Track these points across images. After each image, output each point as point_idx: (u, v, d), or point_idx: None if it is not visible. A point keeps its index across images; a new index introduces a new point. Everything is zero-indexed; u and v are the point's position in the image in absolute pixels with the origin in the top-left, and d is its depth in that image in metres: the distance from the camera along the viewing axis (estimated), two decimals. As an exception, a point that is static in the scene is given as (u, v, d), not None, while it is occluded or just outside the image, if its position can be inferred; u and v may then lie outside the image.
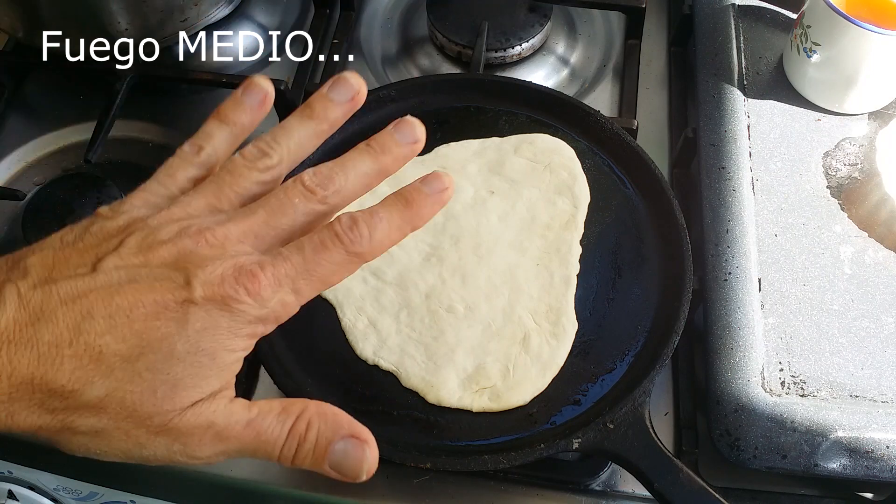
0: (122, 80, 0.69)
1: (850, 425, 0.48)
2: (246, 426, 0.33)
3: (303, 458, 0.34)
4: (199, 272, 0.31)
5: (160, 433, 0.31)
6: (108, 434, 0.31)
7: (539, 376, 0.50)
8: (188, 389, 0.31)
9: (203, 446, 0.32)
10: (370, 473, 0.35)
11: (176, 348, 0.30)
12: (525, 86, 0.64)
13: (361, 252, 0.33)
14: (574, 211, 0.57)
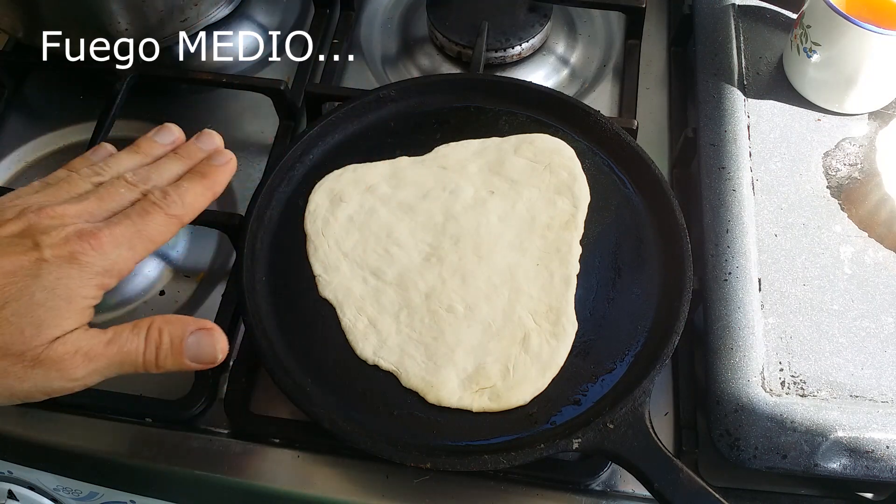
0: (122, 80, 0.69)
1: (850, 425, 0.48)
2: (108, 344, 0.39)
3: (163, 359, 0.40)
4: (44, 237, 0.38)
5: (35, 365, 0.37)
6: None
7: (539, 376, 0.50)
8: (51, 328, 0.37)
9: (76, 368, 0.38)
10: (224, 353, 0.42)
11: (35, 296, 0.37)
12: (525, 86, 0.64)
13: (178, 214, 0.42)
14: (574, 211, 0.57)
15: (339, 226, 0.57)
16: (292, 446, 0.55)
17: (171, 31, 0.70)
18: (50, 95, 0.76)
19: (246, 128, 0.72)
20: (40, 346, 0.37)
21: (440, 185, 0.58)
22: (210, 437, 0.56)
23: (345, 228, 0.57)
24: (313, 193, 0.59)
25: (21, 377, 0.37)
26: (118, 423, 0.56)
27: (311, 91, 0.68)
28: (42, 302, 0.37)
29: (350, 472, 0.54)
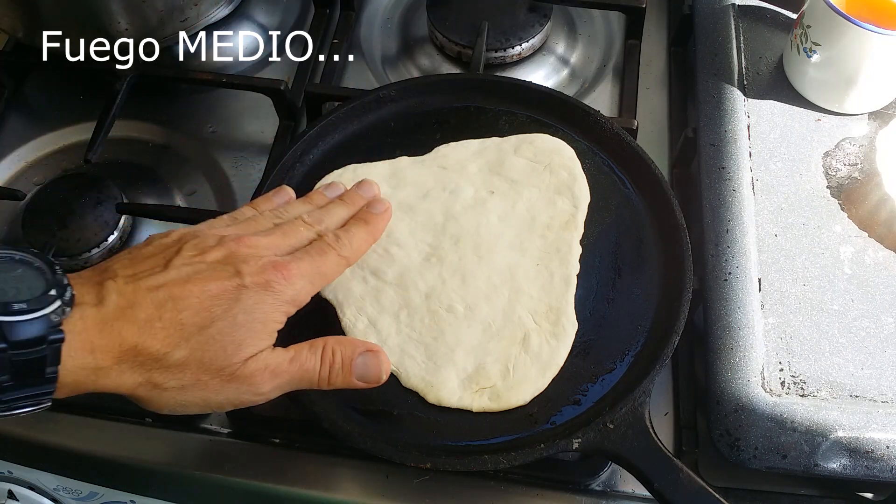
0: (122, 80, 0.69)
1: (850, 425, 0.48)
2: (290, 362, 0.43)
3: (335, 377, 0.44)
4: (245, 266, 0.42)
5: (231, 381, 0.41)
6: (190, 387, 0.40)
7: (539, 376, 0.50)
8: (248, 347, 0.41)
9: (264, 384, 0.42)
10: (387, 374, 0.46)
11: (237, 318, 0.41)
12: (525, 86, 0.64)
13: (347, 255, 0.47)
14: (574, 211, 0.57)
15: None
16: (292, 446, 0.55)
17: (171, 31, 0.70)
18: (50, 95, 0.76)
19: (246, 128, 0.72)
20: (237, 364, 0.41)
21: (440, 185, 0.58)
22: (210, 437, 0.56)
23: None
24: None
25: (217, 390, 0.41)
26: (118, 423, 0.56)
27: (311, 91, 0.68)
28: (242, 323, 0.41)
29: (350, 472, 0.54)
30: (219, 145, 0.71)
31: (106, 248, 0.63)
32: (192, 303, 0.40)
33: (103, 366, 0.38)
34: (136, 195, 0.67)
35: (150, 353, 0.39)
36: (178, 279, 0.41)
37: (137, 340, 0.39)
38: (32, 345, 0.36)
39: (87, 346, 0.38)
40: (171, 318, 0.39)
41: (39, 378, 0.37)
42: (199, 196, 0.68)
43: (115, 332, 0.38)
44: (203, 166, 0.70)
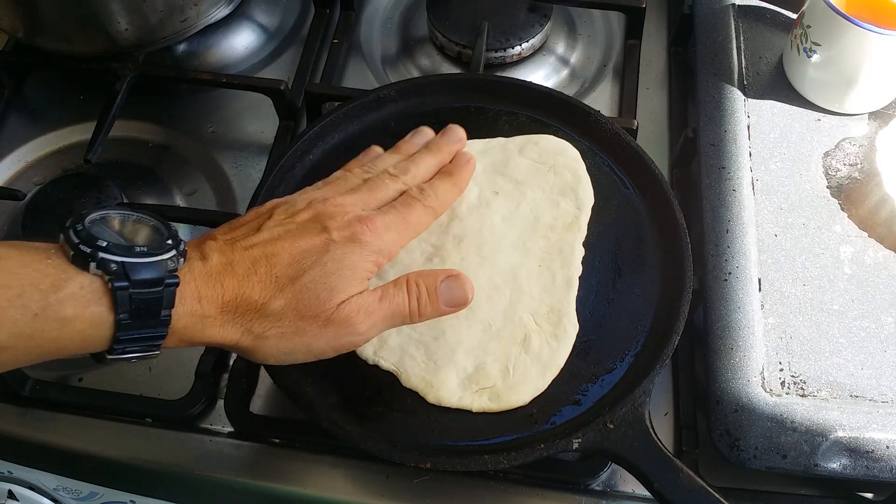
0: (122, 80, 0.69)
1: (850, 425, 0.48)
2: (381, 300, 0.45)
3: (424, 308, 0.46)
4: (331, 222, 0.45)
5: (328, 325, 0.43)
6: (290, 335, 0.43)
7: (539, 377, 0.50)
8: (340, 293, 0.43)
9: (360, 324, 0.44)
10: (472, 294, 0.47)
11: (327, 266, 0.43)
12: (525, 86, 0.64)
13: (433, 206, 0.49)
14: (577, 213, 0.56)
15: None
16: (292, 446, 0.55)
17: (171, 31, 0.70)
18: (50, 95, 0.76)
19: (246, 128, 0.72)
20: (331, 309, 0.43)
21: None
22: (210, 437, 0.56)
23: None
24: None
25: (316, 335, 0.43)
26: (118, 423, 0.56)
27: (311, 91, 0.68)
28: (333, 271, 0.43)
29: (350, 472, 0.54)
30: (219, 145, 0.71)
31: None
32: (284, 258, 0.43)
33: (209, 314, 0.41)
34: (136, 195, 0.67)
35: (250, 303, 0.42)
36: (271, 238, 0.44)
37: (238, 291, 0.42)
38: (151, 285, 0.38)
39: (195, 294, 0.41)
40: (266, 273, 0.42)
41: (155, 319, 0.39)
42: (199, 196, 0.68)
43: (218, 284, 0.41)
44: (203, 166, 0.70)
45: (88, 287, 0.37)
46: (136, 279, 0.38)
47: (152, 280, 0.38)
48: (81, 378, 0.59)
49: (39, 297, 0.36)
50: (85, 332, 0.37)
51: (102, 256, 0.37)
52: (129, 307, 0.38)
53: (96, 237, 0.38)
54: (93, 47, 0.70)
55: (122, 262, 0.38)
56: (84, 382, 0.58)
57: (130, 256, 0.38)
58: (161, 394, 0.57)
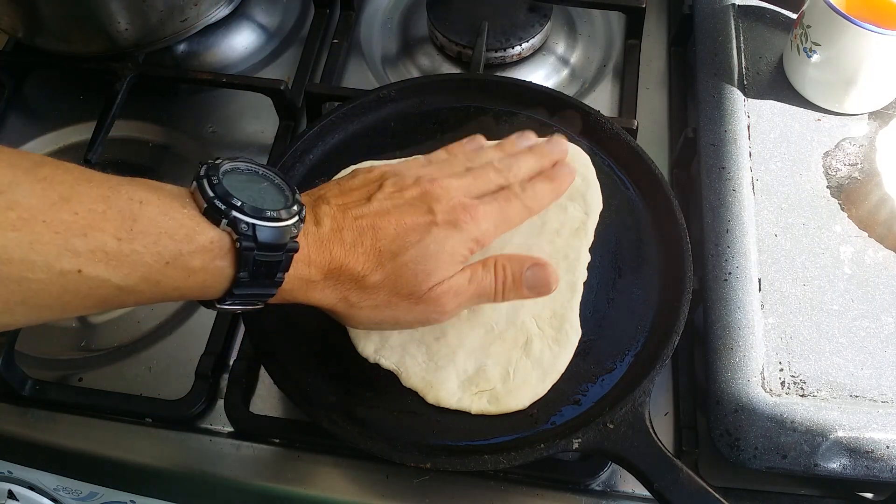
0: (122, 80, 0.69)
1: (850, 425, 0.48)
2: (469, 282, 0.46)
3: (508, 291, 0.48)
4: (437, 205, 0.45)
5: (420, 303, 0.45)
6: (382, 307, 0.45)
7: (539, 381, 0.50)
8: (435, 275, 0.45)
9: (448, 304, 0.46)
10: (557, 283, 0.48)
11: (429, 248, 0.44)
12: (525, 86, 0.64)
13: (531, 206, 0.49)
14: (585, 218, 0.56)
15: None
16: (292, 446, 0.55)
17: (171, 31, 0.70)
18: (50, 95, 0.76)
19: (246, 128, 0.72)
20: (425, 289, 0.45)
21: None
22: (210, 437, 0.56)
23: None
24: None
25: (407, 311, 0.45)
26: (118, 423, 0.56)
27: (311, 91, 0.68)
28: (432, 254, 0.44)
29: (350, 472, 0.54)
30: (219, 145, 0.71)
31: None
32: (390, 232, 0.44)
33: (314, 279, 0.43)
34: (136, 195, 0.67)
35: (351, 274, 0.43)
36: (380, 211, 0.45)
37: (343, 260, 0.43)
38: (275, 249, 0.40)
39: (306, 259, 0.42)
40: (372, 245, 0.44)
41: (270, 280, 0.41)
42: (199, 196, 0.68)
43: (327, 251, 0.43)
44: (203, 166, 0.70)
45: (217, 242, 0.38)
46: (262, 242, 0.39)
47: (276, 245, 0.40)
48: (81, 378, 0.59)
49: (173, 246, 0.37)
50: (205, 282, 0.39)
51: (235, 216, 0.38)
52: (250, 267, 0.39)
53: (231, 194, 0.39)
54: (93, 47, 0.70)
55: (253, 225, 0.39)
56: (84, 382, 0.58)
57: (261, 219, 0.39)
58: (161, 394, 0.57)
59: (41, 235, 0.34)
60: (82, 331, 0.61)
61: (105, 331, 0.61)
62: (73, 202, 0.35)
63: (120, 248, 0.36)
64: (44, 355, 0.60)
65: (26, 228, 0.33)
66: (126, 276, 0.36)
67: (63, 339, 0.61)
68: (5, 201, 0.33)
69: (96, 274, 0.35)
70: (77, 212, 0.35)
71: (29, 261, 0.33)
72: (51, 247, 0.34)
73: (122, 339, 0.60)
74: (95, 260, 0.35)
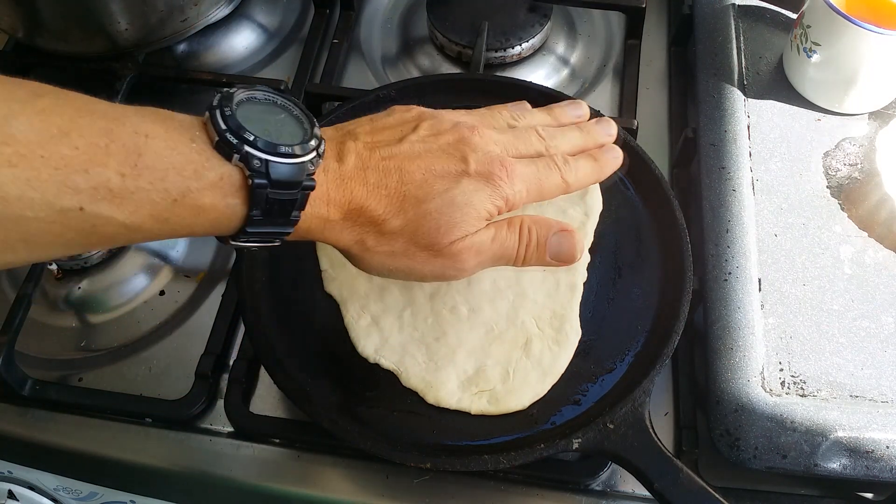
0: (122, 80, 0.69)
1: (850, 425, 0.48)
2: (492, 241, 0.44)
3: (531, 255, 0.45)
4: (472, 154, 0.43)
5: (438, 256, 0.43)
6: (398, 255, 0.43)
7: (539, 382, 0.50)
8: (458, 229, 0.42)
9: (468, 261, 0.44)
10: (582, 252, 0.47)
11: (456, 199, 0.42)
12: (525, 86, 0.64)
13: (569, 181, 0.46)
14: (585, 219, 0.56)
15: None
16: (292, 446, 0.55)
17: (171, 31, 0.70)
18: (50, 95, 0.76)
19: (246, 128, 0.72)
20: (446, 243, 0.42)
21: None
22: (210, 437, 0.56)
23: None
24: None
25: (424, 262, 0.43)
26: (118, 423, 0.56)
27: (311, 91, 0.68)
28: (459, 206, 0.42)
29: (350, 472, 0.54)
30: (219, 145, 0.71)
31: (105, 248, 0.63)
32: (417, 177, 0.42)
33: (332, 218, 0.41)
34: (136, 195, 0.67)
35: (371, 216, 0.41)
36: (410, 154, 0.43)
37: (364, 202, 0.41)
38: (289, 187, 0.38)
39: (325, 197, 0.40)
40: (396, 188, 0.42)
41: (285, 219, 0.39)
42: (199, 196, 0.68)
43: (348, 190, 0.41)
44: (203, 166, 0.70)
45: (228, 178, 0.37)
46: (276, 179, 0.37)
47: (291, 182, 0.38)
48: (81, 378, 0.59)
49: (181, 183, 0.36)
50: (217, 220, 0.38)
51: (248, 151, 0.37)
52: (263, 205, 0.38)
53: (244, 127, 0.37)
54: (93, 47, 0.70)
55: (266, 161, 0.37)
56: (84, 382, 0.58)
57: (275, 155, 0.37)
58: (161, 394, 0.57)
59: (39, 172, 0.32)
60: (82, 331, 0.61)
61: (105, 331, 0.61)
62: (74, 136, 0.33)
63: (124, 185, 0.34)
64: (44, 355, 0.60)
65: (23, 164, 0.31)
66: (132, 214, 0.35)
67: (63, 339, 0.61)
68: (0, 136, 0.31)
69: (99, 212, 0.34)
70: (77, 146, 0.33)
71: (27, 198, 0.32)
72: (49, 184, 0.32)
73: (122, 339, 0.60)
74: (98, 197, 0.33)
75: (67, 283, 0.63)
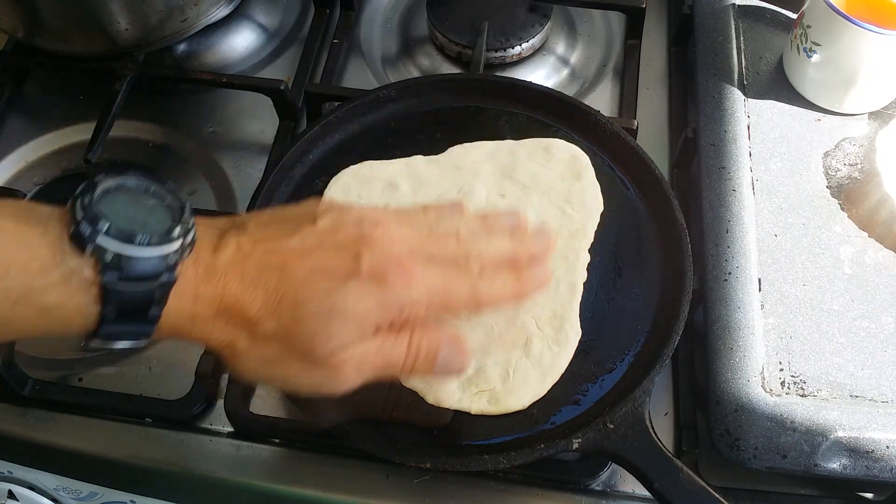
0: (122, 80, 0.69)
1: (850, 425, 0.48)
2: (376, 353, 0.40)
3: (416, 369, 0.41)
4: (368, 252, 0.39)
5: (315, 368, 0.39)
6: (272, 362, 0.39)
7: (538, 382, 0.50)
8: (337, 339, 0.38)
9: (348, 375, 0.40)
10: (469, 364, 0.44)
11: (337, 305, 0.38)
12: (525, 86, 0.64)
13: (480, 295, 0.42)
14: (584, 220, 0.56)
15: None
16: (292, 446, 0.55)
17: (171, 31, 0.70)
18: (50, 95, 0.76)
19: (246, 128, 0.72)
20: (323, 353, 0.39)
21: (455, 187, 0.58)
22: (210, 437, 0.56)
23: None
24: (329, 188, 0.58)
25: (299, 373, 0.40)
26: (118, 423, 0.56)
27: (311, 91, 0.68)
28: (339, 312, 0.38)
29: (350, 472, 0.54)
30: (219, 145, 0.71)
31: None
32: (300, 276, 0.38)
33: (202, 315, 0.38)
34: (136, 195, 0.67)
35: (244, 315, 0.38)
36: (299, 249, 0.39)
37: (238, 298, 0.38)
38: (144, 281, 0.35)
39: (192, 293, 0.37)
40: (276, 287, 0.38)
41: (142, 316, 0.36)
42: (199, 196, 0.68)
43: (220, 284, 0.38)
44: (203, 166, 0.70)
45: (78, 274, 0.34)
46: (128, 274, 0.35)
47: (147, 276, 0.35)
48: (81, 378, 0.59)
49: (24, 281, 0.33)
50: (67, 319, 0.35)
51: (99, 242, 0.34)
52: (115, 302, 0.35)
53: (99, 217, 0.35)
54: (93, 47, 0.70)
55: (119, 253, 0.34)
56: (84, 382, 0.58)
57: (130, 245, 0.35)
58: (161, 394, 0.57)
59: None
60: (82, 331, 0.61)
61: (105, 331, 0.61)
62: None
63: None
64: (44, 355, 0.60)
65: None
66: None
67: (63, 339, 0.61)
68: None
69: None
70: None
71: None
72: None
73: (122, 339, 0.60)
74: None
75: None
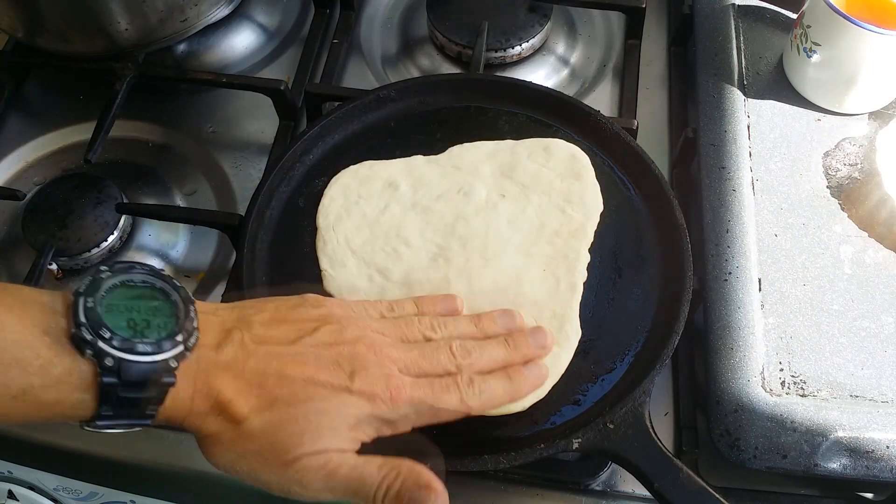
0: (122, 80, 0.69)
1: (850, 425, 0.48)
2: (352, 469, 0.40)
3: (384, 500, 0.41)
4: (362, 371, 0.41)
5: (289, 466, 0.39)
6: (251, 458, 0.40)
7: None
8: (324, 442, 0.40)
9: (316, 482, 0.40)
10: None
11: (329, 408, 0.40)
12: (525, 86, 0.64)
13: (470, 405, 0.44)
14: (584, 220, 0.56)
15: (350, 222, 0.57)
16: (292, 446, 0.55)
17: (171, 31, 0.70)
18: (50, 95, 0.76)
19: (246, 128, 0.72)
20: (305, 454, 0.39)
21: (455, 187, 0.58)
22: (210, 437, 0.56)
23: (356, 225, 0.56)
24: (329, 188, 0.58)
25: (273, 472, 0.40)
26: (118, 423, 0.56)
27: (311, 91, 0.68)
28: (329, 413, 0.40)
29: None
30: (219, 145, 0.71)
31: (106, 248, 0.63)
32: (295, 384, 0.40)
33: (198, 410, 0.39)
34: (136, 195, 0.67)
35: (236, 413, 0.39)
36: (297, 358, 0.41)
37: (234, 397, 0.39)
38: (141, 387, 0.37)
39: (189, 393, 0.39)
40: (270, 390, 0.40)
41: (139, 413, 0.38)
42: (199, 196, 0.68)
43: (217, 382, 0.39)
44: (203, 166, 0.70)
45: (78, 374, 0.36)
46: (128, 378, 0.36)
47: (146, 380, 0.37)
48: (81, 378, 0.59)
49: (23, 379, 0.35)
50: (64, 413, 0.37)
51: (101, 347, 0.36)
52: (114, 403, 0.36)
53: (102, 322, 0.36)
54: (93, 47, 0.70)
55: (119, 359, 0.36)
56: (84, 382, 0.58)
57: (131, 354, 0.36)
58: (161, 394, 0.57)
59: None
60: (82, 331, 0.61)
61: (105, 331, 0.61)
62: None
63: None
64: (44, 355, 0.60)
65: None
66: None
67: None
68: None
69: None
70: None
71: None
72: None
73: (122, 339, 0.60)
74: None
75: (68, 283, 0.63)
